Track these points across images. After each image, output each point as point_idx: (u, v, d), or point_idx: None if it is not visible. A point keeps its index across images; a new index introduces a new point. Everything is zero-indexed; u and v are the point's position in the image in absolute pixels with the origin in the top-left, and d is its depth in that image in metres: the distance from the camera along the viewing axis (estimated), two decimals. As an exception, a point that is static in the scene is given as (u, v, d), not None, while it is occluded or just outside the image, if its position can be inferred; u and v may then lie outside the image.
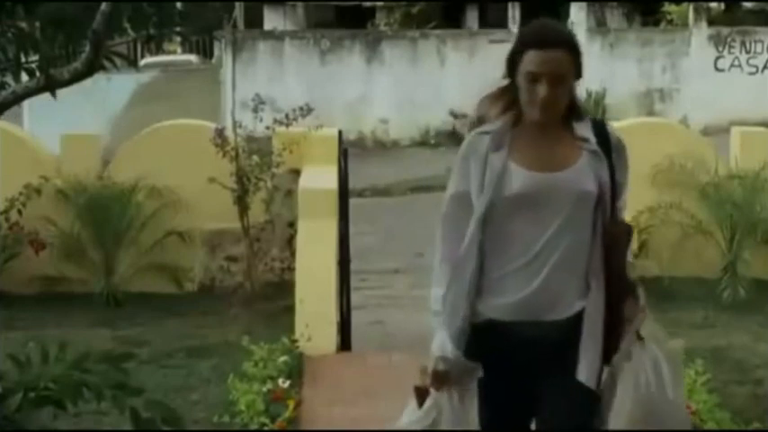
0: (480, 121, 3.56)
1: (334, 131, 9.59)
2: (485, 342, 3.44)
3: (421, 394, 3.46)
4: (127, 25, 3.73)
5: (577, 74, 3.43)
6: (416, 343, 8.66)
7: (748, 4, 24.55)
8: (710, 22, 22.69)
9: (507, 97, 3.51)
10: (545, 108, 3.37)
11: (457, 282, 3.45)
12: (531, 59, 3.37)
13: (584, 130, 3.47)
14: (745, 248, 9.42)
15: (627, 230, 3.53)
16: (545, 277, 3.37)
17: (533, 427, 3.57)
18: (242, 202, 9.12)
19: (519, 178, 3.40)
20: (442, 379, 3.46)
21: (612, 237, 3.44)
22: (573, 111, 3.46)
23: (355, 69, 21.80)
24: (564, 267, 3.39)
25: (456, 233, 3.47)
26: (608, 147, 3.48)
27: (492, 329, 3.43)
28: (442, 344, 3.47)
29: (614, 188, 3.46)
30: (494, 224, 3.41)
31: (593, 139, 3.45)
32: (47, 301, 9.38)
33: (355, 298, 9.06)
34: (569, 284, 3.41)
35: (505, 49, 3.60)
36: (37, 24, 3.59)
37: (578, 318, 3.41)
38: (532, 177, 3.40)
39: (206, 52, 26.53)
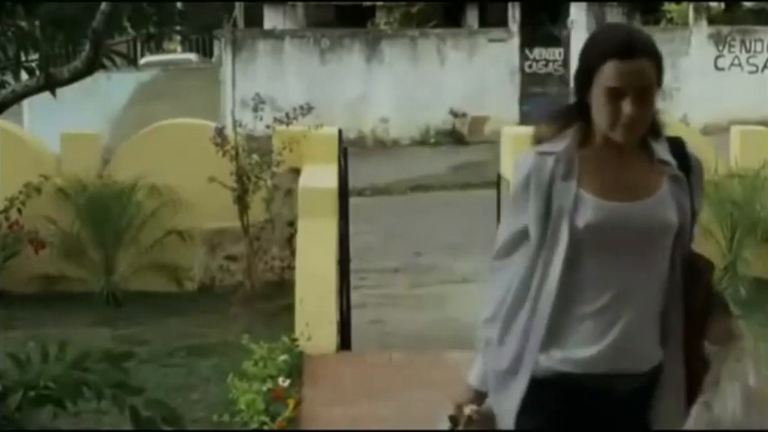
0: (538, 142, 3.06)
1: (334, 130, 9.59)
2: (549, 397, 2.96)
3: (455, 424, 3.16)
4: (127, 24, 3.72)
5: (658, 83, 2.92)
6: (416, 342, 8.70)
7: (748, 4, 24.54)
8: (710, 21, 22.70)
9: (567, 116, 3.03)
10: (630, 128, 2.87)
11: (520, 329, 2.97)
12: (612, 72, 2.84)
13: (663, 150, 3.00)
14: (746, 247, 9.42)
15: (708, 264, 3.13)
16: (624, 323, 2.91)
17: None
18: (242, 201, 9.12)
19: (591, 209, 2.91)
20: (470, 421, 3.11)
21: (692, 271, 3.04)
22: (651, 128, 2.98)
23: (355, 68, 21.80)
24: (644, 311, 2.94)
25: (510, 261, 3.04)
26: (687, 169, 3.02)
27: (559, 383, 2.95)
28: (482, 378, 3.09)
29: (692, 216, 3.03)
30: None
31: (673, 161, 2.99)
32: (47, 300, 9.39)
33: (355, 297, 9.06)
34: (650, 330, 2.96)
35: (505, 47, 3.46)
36: (37, 23, 3.59)
37: (661, 368, 3.00)
38: (608, 208, 2.91)
39: (206, 51, 26.52)
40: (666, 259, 2.97)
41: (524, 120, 20.50)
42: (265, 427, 6.08)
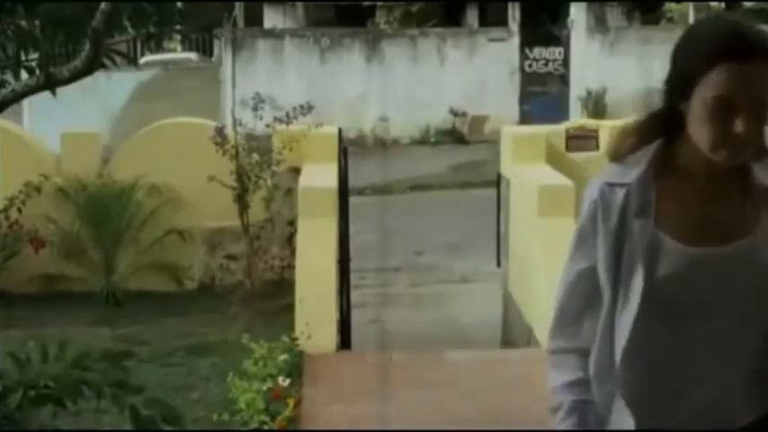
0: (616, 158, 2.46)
1: (334, 130, 9.60)
2: None
3: None
4: (127, 23, 3.72)
5: None
6: (416, 341, 8.71)
7: (748, 3, 24.54)
8: (711, 21, 22.68)
9: (650, 127, 2.42)
10: (741, 149, 2.26)
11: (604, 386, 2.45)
12: (724, 78, 2.22)
13: (764, 172, 2.37)
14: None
15: None
16: (707, 389, 2.40)
17: None
18: (242, 201, 9.12)
19: (672, 257, 2.34)
20: None
21: None
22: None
23: (355, 67, 21.81)
24: (732, 370, 2.40)
25: (579, 321, 2.48)
26: None
27: None
28: None
29: None
30: None
31: None
32: (47, 300, 9.39)
33: (355, 296, 9.07)
34: (739, 391, 2.42)
35: (505, 47, 3.30)
36: (37, 23, 3.59)
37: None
38: (693, 256, 2.34)
39: (206, 50, 26.52)
40: (764, 308, 2.38)
41: (524, 119, 20.51)
42: (265, 427, 6.08)
